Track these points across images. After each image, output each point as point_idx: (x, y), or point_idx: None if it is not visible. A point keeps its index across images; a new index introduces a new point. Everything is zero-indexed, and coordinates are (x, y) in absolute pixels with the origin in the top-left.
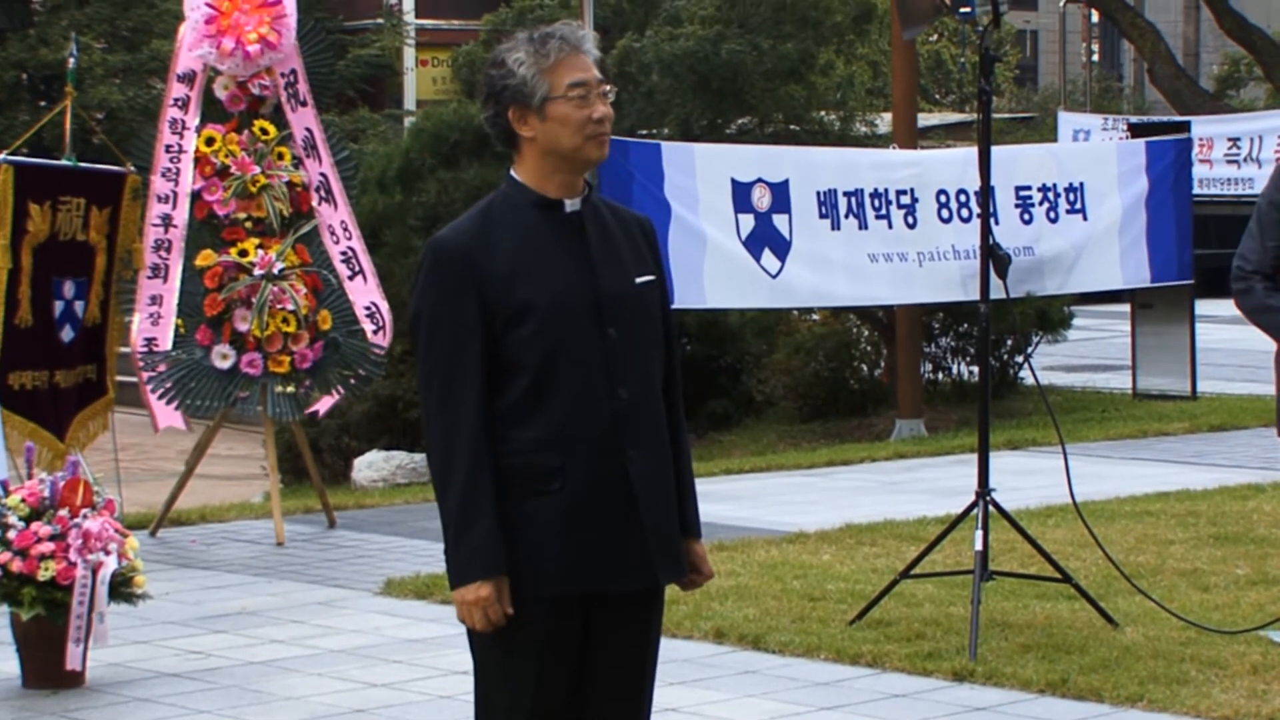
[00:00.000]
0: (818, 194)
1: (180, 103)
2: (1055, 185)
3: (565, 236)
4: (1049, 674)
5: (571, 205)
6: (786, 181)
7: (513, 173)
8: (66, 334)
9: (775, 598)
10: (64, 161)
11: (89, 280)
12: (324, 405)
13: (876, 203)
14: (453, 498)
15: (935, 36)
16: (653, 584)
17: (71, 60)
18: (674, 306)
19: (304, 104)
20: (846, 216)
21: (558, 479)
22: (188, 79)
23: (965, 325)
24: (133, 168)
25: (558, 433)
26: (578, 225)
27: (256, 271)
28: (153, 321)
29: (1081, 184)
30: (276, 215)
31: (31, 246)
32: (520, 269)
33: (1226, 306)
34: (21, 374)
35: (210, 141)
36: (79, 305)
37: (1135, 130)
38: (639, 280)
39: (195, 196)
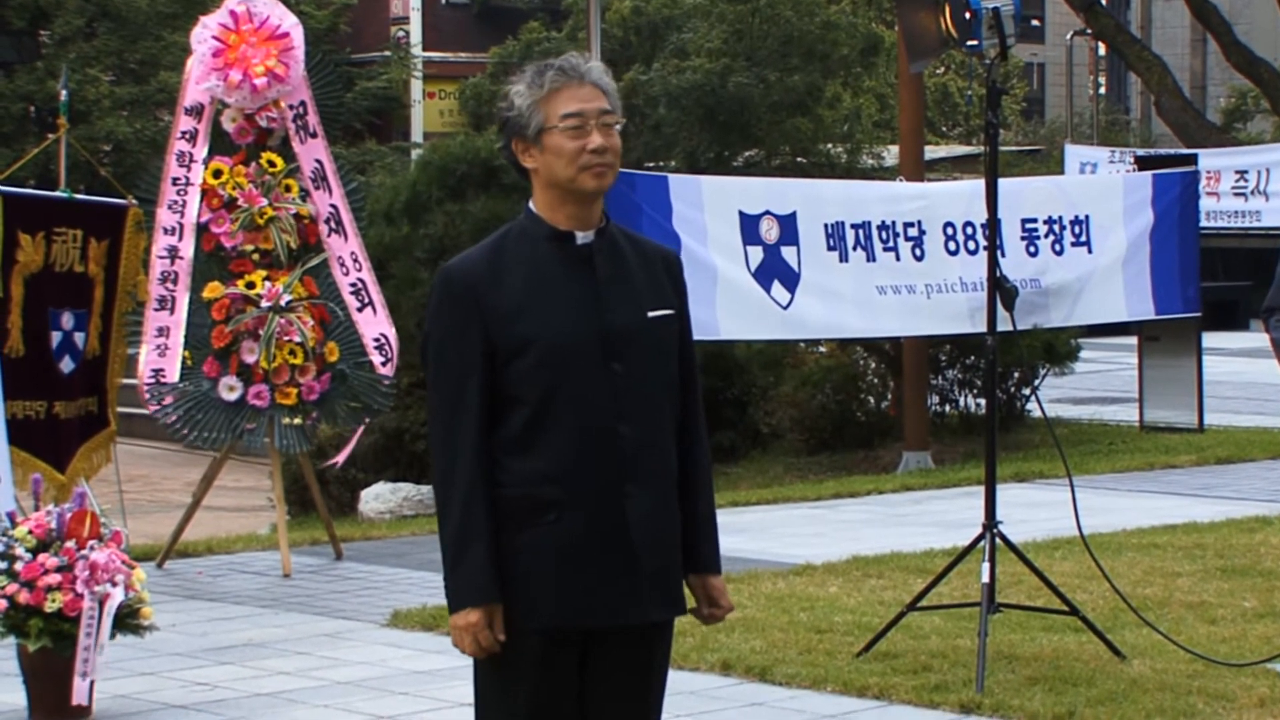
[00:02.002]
0: (825, 226)
1: (188, 135)
2: (1061, 218)
3: (574, 269)
4: (1056, 707)
5: (583, 238)
6: (794, 214)
7: (530, 204)
8: (66, 365)
9: (782, 630)
10: (59, 193)
11: (88, 312)
12: (343, 455)
13: (884, 235)
14: (450, 525)
15: (942, 69)
16: (641, 621)
17: (63, 93)
18: None
19: (314, 135)
20: (854, 249)
21: (553, 512)
22: (195, 111)
23: (972, 358)
24: (134, 200)
25: (556, 466)
26: (587, 257)
27: (264, 304)
28: (160, 353)
29: (1087, 216)
30: (284, 247)
31: (23, 277)
32: (525, 303)
33: (1234, 339)
34: (14, 403)
35: (218, 174)
36: (78, 337)
37: (1142, 163)
38: (652, 314)
39: (202, 229)
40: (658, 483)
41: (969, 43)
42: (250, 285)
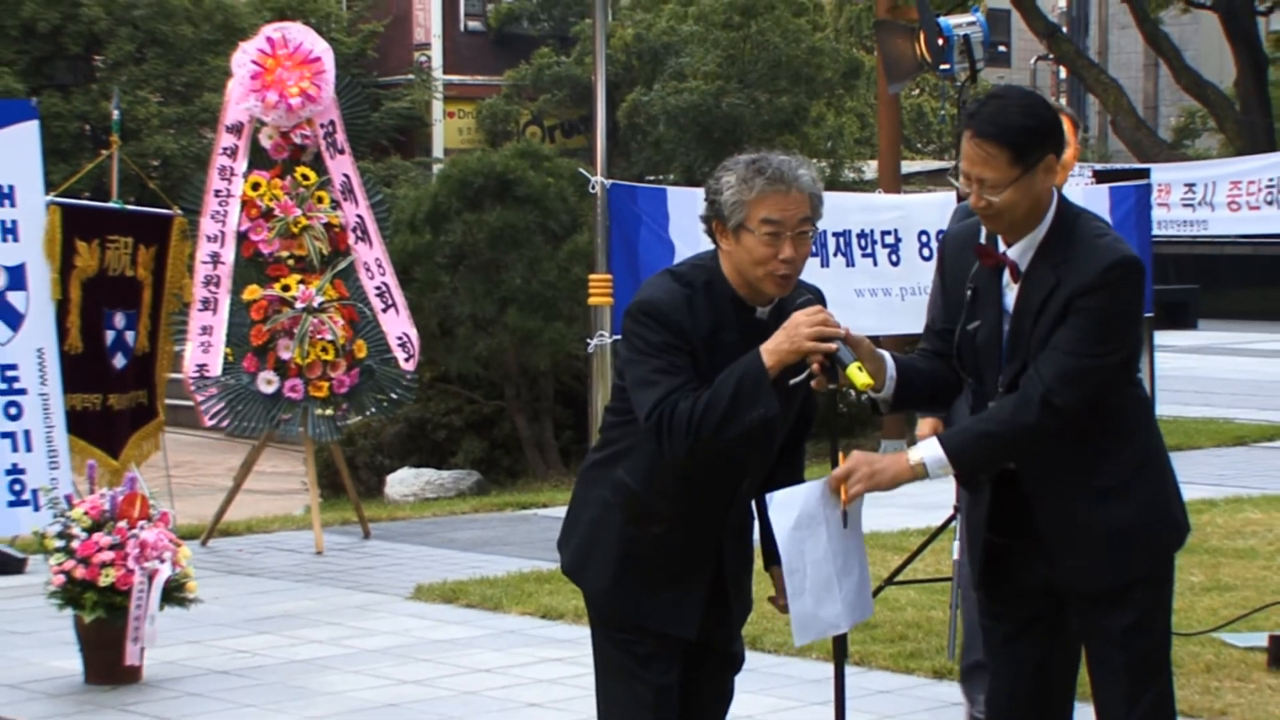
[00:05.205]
0: None
1: (229, 151)
2: None
3: (748, 340)
4: None
5: (761, 313)
6: None
7: (719, 258)
8: (119, 361)
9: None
10: (112, 204)
11: (138, 312)
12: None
13: (863, 242)
14: (725, 391)
15: (917, 91)
16: (730, 643)
17: (115, 112)
18: None
19: (342, 151)
20: (835, 255)
21: (662, 525)
22: (235, 129)
23: None
24: (179, 210)
25: (680, 496)
26: (762, 331)
27: (298, 305)
28: (203, 350)
29: None
30: (316, 253)
31: (80, 280)
32: (705, 356)
33: (1183, 337)
34: (73, 396)
35: (256, 186)
36: (129, 335)
37: (1100, 176)
38: (792, 382)
39: (242, 236)
40: (749, 516)
41: (942, 67)
42: (286, 288)
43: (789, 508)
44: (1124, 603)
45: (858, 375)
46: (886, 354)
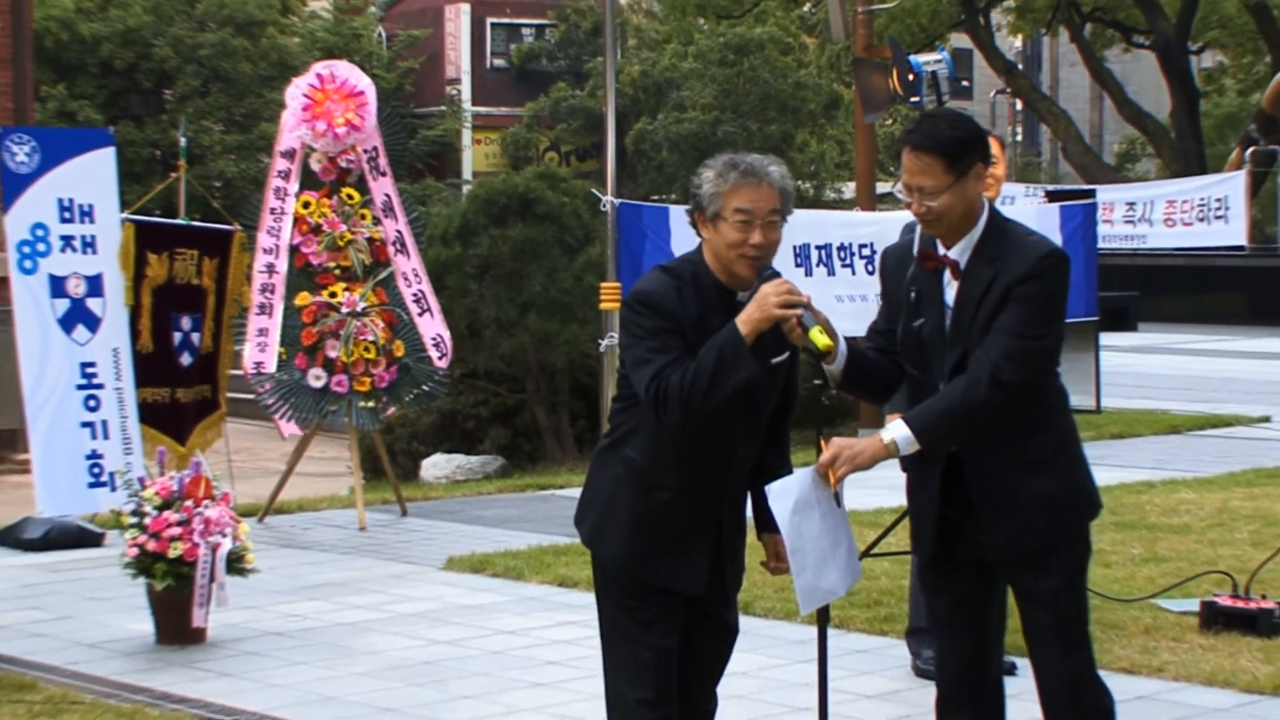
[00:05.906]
0: (794, 247)
1: (283, 174)
2: None
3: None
4: None
5: (743, 297)
6: None
7: (703, 250)
8: (185, 359)
9: (760, 572)
10: (179, 220)
11: (202, 316)
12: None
13: (843, 254)
14: (708, 361)
15: (890, 120)
16: (724, 609)
17: (182, 140)
18: None
19: (383, 174)
20: (817, 265)
21: (665, 491)
22: (289, 155)
23: None
24: (239, 226)
25: (678, 464)
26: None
27: (343, 310)
28: (260, 349)
29: None
30: (359, 264)
31: (151, 288)
32: (694, 339)
33: (1124, 338)
34: (144, 390)
35: (306, 205)
36: (195, 336)
37: (1051, 196)
38: (775, 360)
39: (294, 249)
40: (741, 497)
41: (912, 99)
42: (333, 295)
43: (786, 495)
44: (1050, 569)
45: (819, 337)
46: (840, 334)
